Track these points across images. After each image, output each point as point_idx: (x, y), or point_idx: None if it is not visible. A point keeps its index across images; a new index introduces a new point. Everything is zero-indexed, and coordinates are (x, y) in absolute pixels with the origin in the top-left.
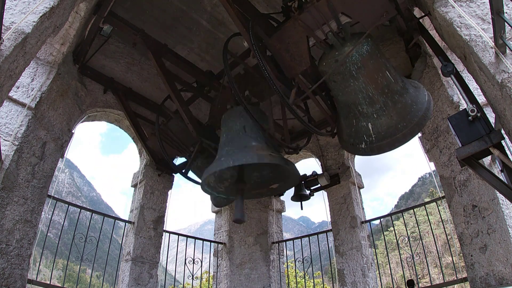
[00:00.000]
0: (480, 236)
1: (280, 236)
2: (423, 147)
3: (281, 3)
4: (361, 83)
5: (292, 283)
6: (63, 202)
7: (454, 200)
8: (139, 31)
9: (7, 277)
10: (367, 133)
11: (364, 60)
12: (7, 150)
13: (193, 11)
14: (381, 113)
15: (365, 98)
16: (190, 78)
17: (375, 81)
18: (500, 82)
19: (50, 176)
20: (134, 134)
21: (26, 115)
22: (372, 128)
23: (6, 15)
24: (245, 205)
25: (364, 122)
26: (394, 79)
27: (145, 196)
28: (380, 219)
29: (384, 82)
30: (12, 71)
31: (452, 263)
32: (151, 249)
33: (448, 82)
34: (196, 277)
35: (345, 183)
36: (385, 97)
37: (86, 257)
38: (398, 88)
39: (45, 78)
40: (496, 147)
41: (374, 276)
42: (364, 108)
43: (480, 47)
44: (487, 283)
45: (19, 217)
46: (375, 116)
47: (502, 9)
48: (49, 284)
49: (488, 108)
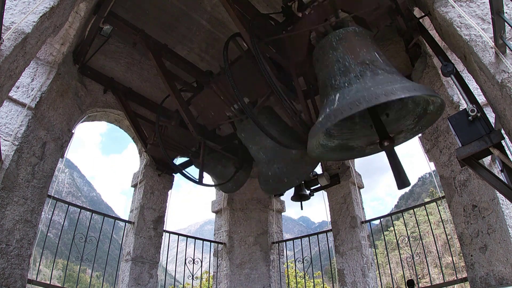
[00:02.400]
0: (480, 236)
1: (280, 236)
2: (423, 147)
3: (281, 3)
4: (339, 53)
5: (292, 283)
6: (63, 202)
7: (454, 200)
8: (139, 31)
9: (7, 277)
10: (331, 105)
11: (348, 34)
12: (7, 150)
13: (193, 11)
14: (355, 81)
15: (340, 68)
16: (190, 78)
17: (356, 53)
18: (500, 82)
19: (50, 176)
20: (134, 134)
21: (26, 115)
22: (338, 97)
23: (6, 15)
24: (245, 205)
25: (332, 96)
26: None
27: (145, 196)
28: (380, 219)
29: (367, 57)
30: (12, 71)
31: (452, 263)
32: (151, 249)
33: (448, 82)
34: (196, 277)
35: (345, 183)
36: (364, 67)
37: (86, 257)
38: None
39: (45, 78)
40: (496, 147)
41: (374, 276)
42: (337, 80)
43: (480, 47)
44: (487, 283)
45: (19, 217)
46: (346, 84)
47: (502, 9)
48: (49, 284)
49: (488, 108)
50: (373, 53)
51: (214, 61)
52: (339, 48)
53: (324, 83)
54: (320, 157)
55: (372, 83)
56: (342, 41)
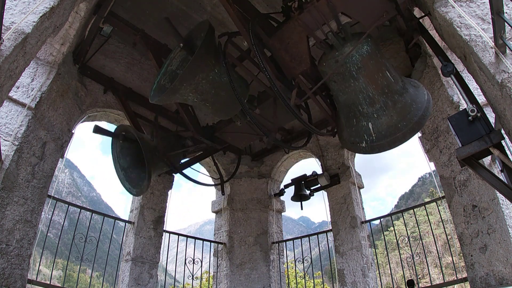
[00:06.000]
0: (480, 236)
1: (280, 236)
2: (423, 147)
3: (281, 3)
4: (361, 84)
5: (292, 283)
6: (63, 202)
7: (454, 200)
8: (139, 31)
9: (7, 277)
10: (367, 132)
11: (364, 61)
12: (7, 150)
13: (193, 11)
14: (381, 112)
15: (365, 98)
16: None
17: (375, 81)
18: (500, 82)
19: (50, 176)
20: None
21: (26, 115)
22: (372, 128)
23: (6, 15)
24: (245, 205)
25: (364, 122)
26: (394, 79)
27: (145, 196)
28: (380, 219)
29: (384, 82)
30: (12, 71)
31: (452, 263)
32: (151, 249)
33: (448, 82)
34: (196, 277)
35: (345, 183)
36: (385, 97)
37: (86, 257)
38: (398, 88)
39: (45, 78)
40: (496, 147)
41: (374, 276)
42: (365, 108)
43: (480, 47)
44: (487, 283)
45: (19, 217)
46: (375, 116)
47: (502, 9)
48: (49, 284)
49: (488, 108)
50: (385, 74)
51: None
52: (359, 79)
53: (348, 105)
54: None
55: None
56: (361, 71)
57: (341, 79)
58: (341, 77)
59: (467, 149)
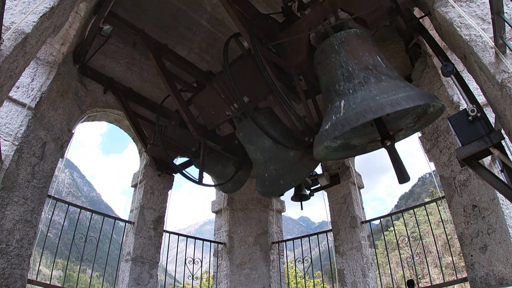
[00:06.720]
0: (480, 236)
1: (280, 236)
2: (423, 147)
3: (281, 3)
4: (342, 57)
5: (292, 283)
6: (63, 202)
7: (454, 200)
8: (139, 31)
9: (7, 277)
10: (337, 112)
11: (350, 37)
12: (7, 150)
13: (193, 11)
14: (359, 87)
15: (344, 73)
16: (190, 78)
17: (358, 57)
18: (500, 82)
19: (50, 176)
20: (134, 134)
21: (26, 115)
22: (343, 105)
23: (6, 15)
24: (245, 205)
25: (337, 102)
26: (385, 65)
27: (145, 196)
28: (380, 219)
29: (370, 61)
30: (12, 71)
31: (452, 263)
32: (151, 249)
33: (448, 82)
34: (196, 277)
35: (345, 183)
36: (367, 72)
37: (86, 257)
38: (389, 73)
39: (45, 78)
40: (496, 147)
41: (374, 276)
42: (341, 85)
43: (480, 47)
44: (487, 283)
45: (19, 217)
46: (351, 91)
47: (502, 9)
48: (49, 284)
49: (488, 108)
50: (375, 57)
51: (214, 61)
52: (341, 52)
53: (328, 87)
54: (324, 158)
55: (376, 91)
56: (344, 45)
57: (324, 57)
58: (324, 54)
59: (467, 149)
